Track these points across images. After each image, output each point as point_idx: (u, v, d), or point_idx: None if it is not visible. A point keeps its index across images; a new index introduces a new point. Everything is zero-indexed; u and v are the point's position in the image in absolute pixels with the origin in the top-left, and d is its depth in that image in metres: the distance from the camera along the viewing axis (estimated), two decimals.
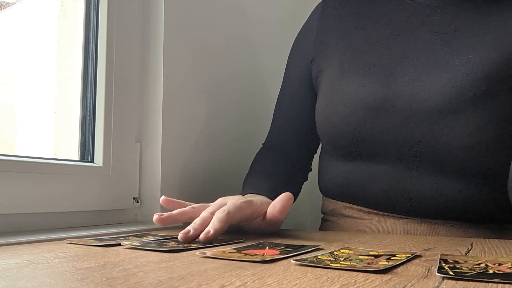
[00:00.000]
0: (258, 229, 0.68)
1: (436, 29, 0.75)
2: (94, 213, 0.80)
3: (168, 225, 0.63)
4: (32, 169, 0.70)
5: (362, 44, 0.80)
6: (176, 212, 0.64)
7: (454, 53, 0.72)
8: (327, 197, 0.88)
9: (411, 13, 0.78)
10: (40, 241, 0.59)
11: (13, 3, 0.96)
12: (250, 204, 0.66)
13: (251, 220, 0.66)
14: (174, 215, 0.63)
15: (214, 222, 0.58)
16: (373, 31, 0.80)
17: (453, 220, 0.73)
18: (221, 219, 0.59)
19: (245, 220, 0.65)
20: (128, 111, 0.86)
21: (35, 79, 0.89)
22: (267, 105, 1.01)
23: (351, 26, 0.83)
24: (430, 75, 0.72)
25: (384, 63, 0.76)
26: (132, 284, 0.33)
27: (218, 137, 1.01)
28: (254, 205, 0.66)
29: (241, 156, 1.07)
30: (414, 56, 0.75)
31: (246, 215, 0.65)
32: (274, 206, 0.64)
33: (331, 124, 0.79)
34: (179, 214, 0.63)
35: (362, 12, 0.84)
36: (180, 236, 0.56)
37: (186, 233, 0.56)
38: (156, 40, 0.88)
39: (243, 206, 0.64)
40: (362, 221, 0.80)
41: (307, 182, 0.95)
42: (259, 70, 1.17)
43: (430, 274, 0.37)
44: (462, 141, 0.69)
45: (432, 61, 0.73)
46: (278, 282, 0.34)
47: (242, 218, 0.64)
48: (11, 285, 0.33)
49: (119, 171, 0.84)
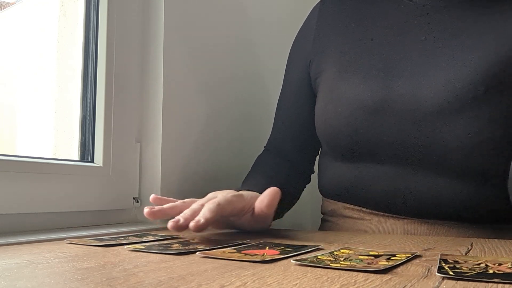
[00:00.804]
0: (248, 226, 0.68)
1: (434, 30, 0.75)
2: (94, 213, 0.80)
3: (159, 219, 0.63)
4: (32, 169, 0.70)
5: (361, 45, 0.80)
6: (167, 206, 0.63)
7: (453, 54, 0.72)
8: (326, 197, 0.88)
9: (409, 14, 0.78)
10: (40, 241, 0.59)
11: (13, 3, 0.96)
12: (241, 198, 0.66)
13: (242, 215, 0.66)
14: (165, 208, 0.63)
15: (204, 212, 0.58)
16: (371, 32, 0.80)
17: (453, 220, 0.73)
18: (212, 210, 0.59)
19: (236, 214, 0.65)
20: (128, 111, 0.86)
21: (35, 79, 0.89)
22: (267, 105, 1.02)
23: (349, 27, 0.83)
24: (429, 76, 0.72)
25: (383, 64, 0.76)
26: (132, 284, 0.33)
27: (218, 137, 1.01)
28: (244, 199, 0.66)
29: (241, 156, 1.07)
30: (413, 56, 0.75)
31: (237, 209, 0.65)
32: (262, 200, 0.64)
33: (330, 125, 0.79)
34: (170, 208, 0.63)
35: (360, 13, 0.84)
36: (170, 225, 0.56)
37: (176, 222, 0.56)
38: (156, 40, 0.88)
39: (233, 200, 0.64)
40: (362, 221, 0.80)
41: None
42: (259, 70, 1.17)
43: (430, 274, 0.37)
44: (461, 141, 0.69)
45: (431, 61, 0.73)
46: (278, 282, 0.34)
47: (233, 212, 0.64)
48: (11, 285, 0.33)
49: (119, 171, 0.84)
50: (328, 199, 0.88)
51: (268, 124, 0.97)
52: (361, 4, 0.85)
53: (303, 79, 0.88)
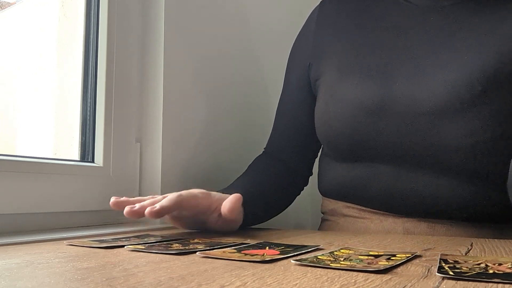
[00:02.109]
0: (216, 226, 0.68)
1: (432, 31, 0.76)
2: (94, 213, 0.80)
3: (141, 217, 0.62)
4: (32, 169, 0.71)
5: (360, 46, 0.80)
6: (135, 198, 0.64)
7: (451, 54, 0.73)
8: (327, 197, 0.88)
9: (407, 15, 0.79)
10: (40, 241, 0.59)
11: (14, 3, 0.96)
12: (208, 195, 0.66)
13: (209, 214, 0.66)
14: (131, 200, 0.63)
15: (163, 201, 0.59)
16: (370, 34, 0.81)
17: (453, 219, 0.73)
18: (170, 199, 0.60)
19: (202, 211, 0.65)
20: (128, 111, 0.86)
21: (35, 79, 0.89)
22: (267, 106, 1.02)
23: (348, 29, 0.84)
24: (428, 76, 0.73)
25: (382, 65, 0.76)
26: (132, 284, 0.33)
27: (218, 137, 1.01)
28: (211, 198, 0.66)
29: (241, 156, 1.07)
30: (411, 57, 0.75)
31: (201, 205, 0.65)
32: (224, 205, 0.64)
33: (330, 127, 0.79)
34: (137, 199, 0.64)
35: (359, 15, 0.84)
36: (126, 211, 0.57)
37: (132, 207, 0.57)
38: (157, 40, 0.88)
39: (198, 195, 0.64)
40: (363, 220, 0.80)
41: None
42: (259, 70, 1.17)
43: (430, 274, 0.37)
44: (460, 141, 0.69)
45: (429, 62, 0.74)
46: (278, 282, 0.34)
47: (196, 207, 0.64)
48: (11, 285, 0.33)
49: (119, 171, 0.84)
50: (328, 199, 0.88)
51: (268, 125, 0.97)
52: (359, 7, 0.85)
53: (303, 82, 0.88)
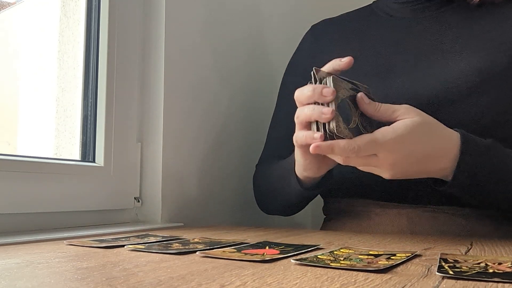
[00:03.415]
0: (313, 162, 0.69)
1: (423, 37, 0.81)
2: (95, 213, 0.80)
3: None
4: (33, 169, 0.71)
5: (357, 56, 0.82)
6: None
7: (444, 56, 0.77)
8: (329, 197, 0.89)
9: (396, 26, 0.85)
10: (40, 241, 0.59)
11: (14, 3, 0.96)
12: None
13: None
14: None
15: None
16: (365, 44, 0.86)
17: (456, 205, 0.74)
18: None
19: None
20: (129, 111, 0.86)
21: (36, 79, 0.89)
22: (269, 107, 1.02)
23: (343, 43, 0.89)
24: (425, 71, 0.77)
25: (381, 68, 0.81)
26: (132, 284, 0.33)
27: (219, 137, 1.01)
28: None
29: (242, 156, 1.07)
30: (407, 61, 0.79)
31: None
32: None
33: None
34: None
35: (352, 31, 0.90)
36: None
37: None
38: (157, 40, 0.88)
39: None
40: (368, 213, 0.81)
41: None
42: (260, 70, 1.16)
43: (430, 274, 0.37)
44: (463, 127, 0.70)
45: (424, 64, 0.78)
46: (278, 282, 0.34)
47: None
48: (11, 285, 0.33)
49: (120, 171, 0.84)
50: (330, 199, 0.88)
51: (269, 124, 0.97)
52: (351, 24, 0.92)
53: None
